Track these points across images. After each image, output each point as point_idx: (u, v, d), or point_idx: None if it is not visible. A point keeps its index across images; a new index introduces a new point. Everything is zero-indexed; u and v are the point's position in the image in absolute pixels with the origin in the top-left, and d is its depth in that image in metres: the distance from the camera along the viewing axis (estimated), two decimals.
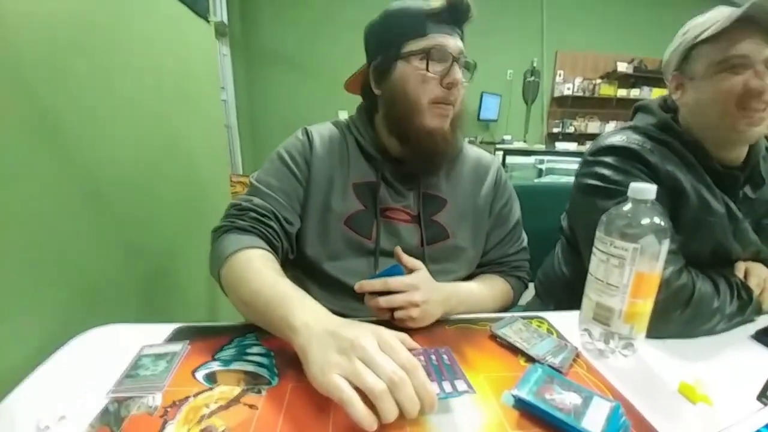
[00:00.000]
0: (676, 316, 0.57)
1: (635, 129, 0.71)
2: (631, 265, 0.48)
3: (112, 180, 0.77)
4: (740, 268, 0.67)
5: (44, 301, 0.59)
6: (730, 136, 0.64)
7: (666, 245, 0.47)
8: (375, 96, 0.67)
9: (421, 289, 0.54)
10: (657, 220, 0.48)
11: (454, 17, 0.60)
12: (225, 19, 3.34)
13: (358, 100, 0.75)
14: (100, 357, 0.50)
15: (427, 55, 0.59)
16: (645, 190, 0.48)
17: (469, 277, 0.74)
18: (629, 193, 0.49)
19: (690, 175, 0.66)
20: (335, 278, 0.66)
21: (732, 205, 0.66)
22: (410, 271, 0.56)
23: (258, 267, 0.53)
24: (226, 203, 0.67)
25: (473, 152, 0.77)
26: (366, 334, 0.38)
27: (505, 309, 0.74)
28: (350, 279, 0.63)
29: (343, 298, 0.65)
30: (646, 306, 0.50)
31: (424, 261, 0.62)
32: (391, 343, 0.37)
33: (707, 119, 0.64)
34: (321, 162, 0.67)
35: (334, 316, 0.43)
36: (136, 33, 0.88)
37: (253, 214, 0.61)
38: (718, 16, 0.61)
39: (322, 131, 0.71)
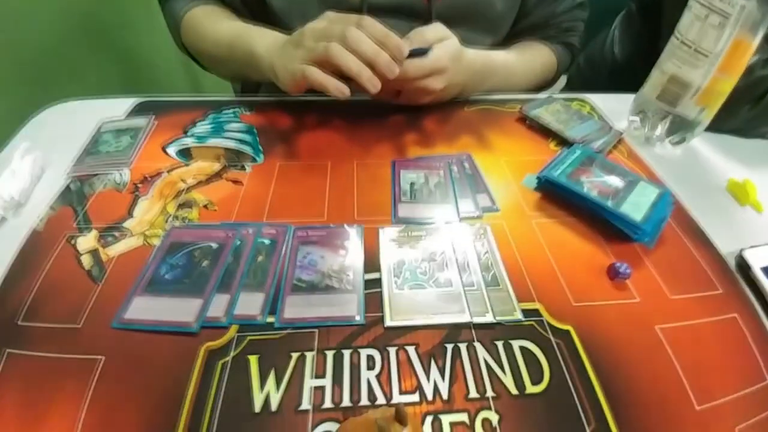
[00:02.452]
0: (743, 111, 0.48)
1: None
2: (733, 27, 0.36)
3: None
4: None
5: None
6: None
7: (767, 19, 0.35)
8: None
9: (447, 69, 0.40)
10: None
11: None
12: None
13: None
14: (57, 136, 0.42)
15: None
16: None
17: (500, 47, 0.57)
18: None
19: None
20: None
21: None
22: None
23: (209, 20, 0.49)
24: None
25: None
26: (315, 21, 0.37)
27: (547, 84, 0.61)
28: None
29: None
30: (728, 85, 0.40)
31: (427, 21, 0.45)
32: (340, 15, 0.37)
33: None
34: None
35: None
36: None
37: None
38: None
39: None
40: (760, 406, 0.23)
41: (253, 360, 0.23)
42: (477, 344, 0.25)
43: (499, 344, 0.25)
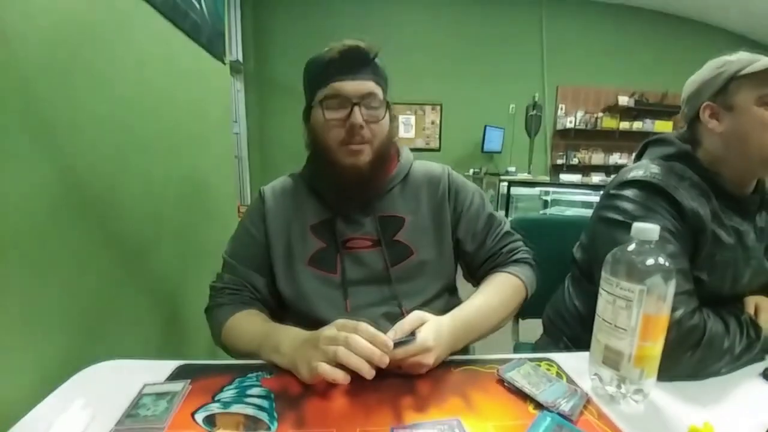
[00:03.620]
0: (686, 358, 0.56)
1: (656, 162, 0.71)
2: (638, 307, 0.47)
3: (120, 213, 0.79)
4: (750, 303, 0.66)
5: (49, 334, 0.59)
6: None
7: (672, 286, 0.47)
8: None
9: (433, 347, 0.53)
10: (662, 260, 0.47)
11: (352, 62, 0.63)
12: (240, 57, 3.52)
13: None
14: (103, 393, 0.50)
15: (320, 104, 0.64)
16: (648, 230, 0.48)
17: (454, 289, 0.77)
18: (632, 233, 0.49)
19: (707, 208, 0.66)
20: (315, 317, 0.67)
21: (744, 229, 0.67)
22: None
23: (244, 325, 0.65)
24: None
25: (423, 166, 0.78)
26: (326, 328, 0.53)
27: (525, 301, 0.72)
28: (328, 314, 0.64)
29: None
30: (655, 349, 0.49)
31: (390, 283, 0.66)
32: (343, 322, 0.52)
33: (746, 148, 0.65)
34: (274, 215, 0.72)
35: (306, 332, 0.56)
36: (157, 74, 0.93)
37: (228, 290, 0.71)
38: (753, 57, 0.64)
39: (275, 186, 0.77)
40: None
41: None
42: None
43: None
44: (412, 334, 0.52)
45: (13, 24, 0.53)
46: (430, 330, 0.54)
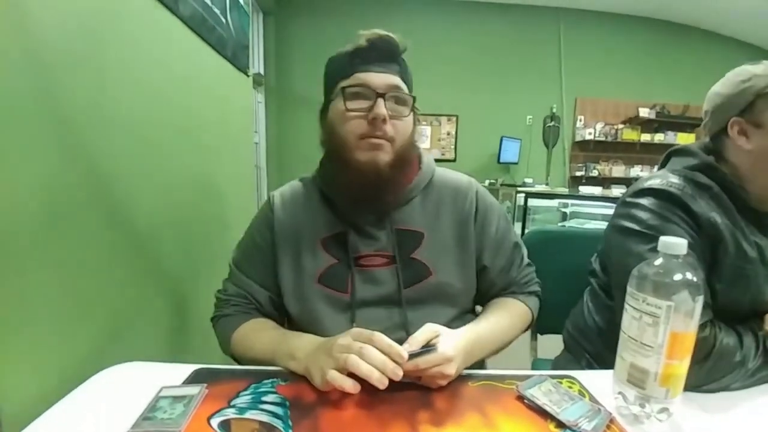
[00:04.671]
0: (695, 369, 0.54)
1: (675, 172, 0.70)
2: (665, 324, 0.45)
3: (140, 218, 0.81)
4: None
5: (70, 335, 0.61)
6: None
7: (700, 302, 0.45)
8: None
9: (454, 357, 0.52)
10: (690, 275, 0.46)
11: (381, 54, 0.60)
12: (262, 70, 3.63)
13: None
14: (120, 395, 0.51)
15: (342, 92, 0.60)
16: (676, 244, 0.46)
17: (468, 315, 0.71)
18: (660, 248, 0.47)
19: (728, 220, 0.65)
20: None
21: (765, 245, 0.66)
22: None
23: (255, 334, 0.64)
24: None
25: (448, 176, 0.73)
26: (341, 336, 0.51)
27: (526, 329, 0.72)
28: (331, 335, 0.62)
29: None
30: (682, 367, 0.47)
31: (401, 305, 0.63)
32: (359, 331, 0.50)
33: None
34: (283, 225, 0.68)
35: (320, 338, 0.57)
36: (183, 85, 0.97)
37: (233, 302, 0.70)
38: None
39: (284, 192, 0.72)
40: None
41: None
42: None
43: None
44: (429, 344, 0.51)
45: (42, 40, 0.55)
46: (449, 340, 0.53)
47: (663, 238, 0.47)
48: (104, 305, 0.69)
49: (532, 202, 3.30)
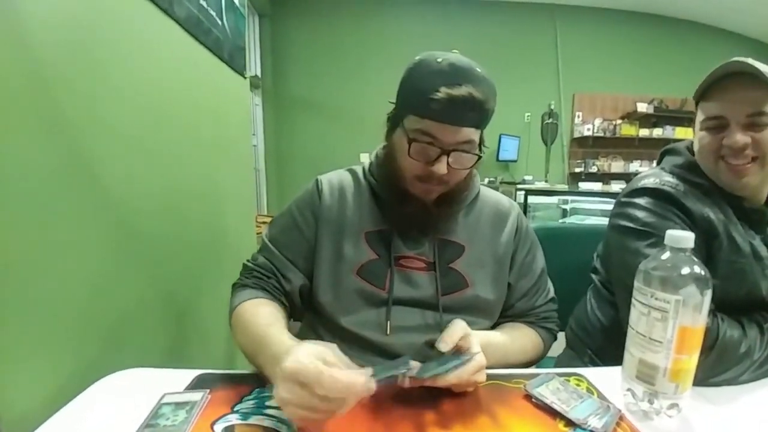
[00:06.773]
0: (699, 361, 0.53)
1: (667, 170, 0.72)
2: (674, 319, 0.45)
3: (139, 223, 0.80)
4: None
5: (71, 342, 0.60)
6: (726, 185, 0.66)
7: (708, 296, 0.45)
8: None
9: (486, 364, 0.51)
10: (698, 269, 0.45)
11: (458, 110, 0.55)
12: (258, 73, 3.62)
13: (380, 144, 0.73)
14: (123, 402, 0.50)
15: (406, 133, 0.59)
16: (683, 238, 0.46)
17: (491, 327, 0.71)
18: (667, 242, 0.47)
19: (721, 215, 0.66)
20: (351, 331, 0.64)
21: (756, 243, 0.66)
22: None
23: (249, 317, 0.58)
24: (252, 244, 0.69)
25: (492, 196, 0.75)
26: (281, 380, 0.40)
27: (534, 363, 0.70)
28: (365, 331, 0.62)
29: (360, 350, 0.63)
30: (691, 362, 0.47)
31: (437, 310, 0.62)
32: (304, 375, 0.39)
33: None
34: (329, 212, 0.67)
35: (287, 360, 0.41)
36: (179, 88, 0.96)
37: (257, 273, 0.66)
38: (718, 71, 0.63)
39: (332, 179, 0.71)
40: None
41: None
42: None
43: None
44: (459, 350, 0.50)
45: (31, 32, 0.55)
46: (479, 345, 0.52)
47: (670, 232, 0.47)
48: (104, 311, 0.68)
49: (532, 199, 3.29)
